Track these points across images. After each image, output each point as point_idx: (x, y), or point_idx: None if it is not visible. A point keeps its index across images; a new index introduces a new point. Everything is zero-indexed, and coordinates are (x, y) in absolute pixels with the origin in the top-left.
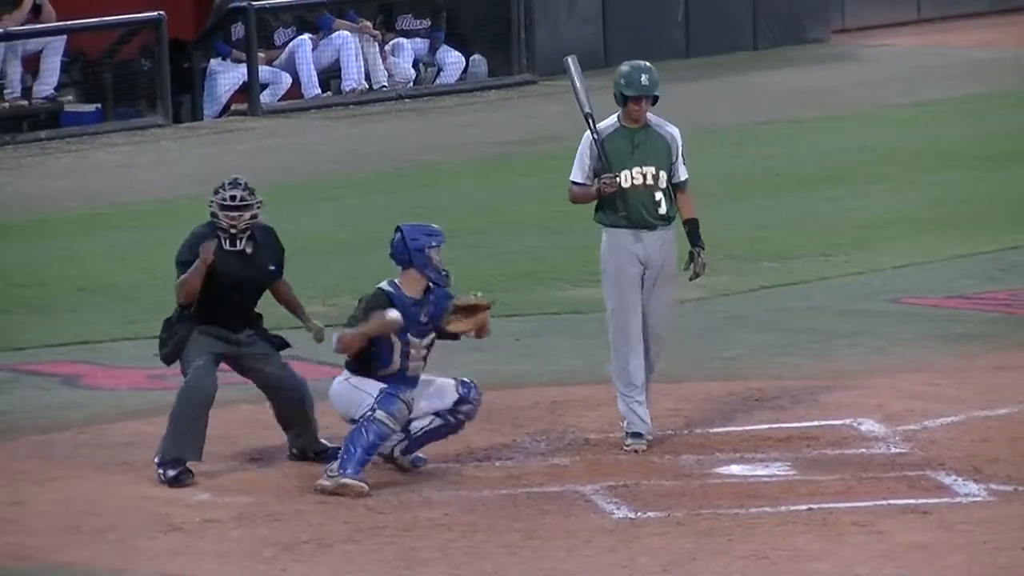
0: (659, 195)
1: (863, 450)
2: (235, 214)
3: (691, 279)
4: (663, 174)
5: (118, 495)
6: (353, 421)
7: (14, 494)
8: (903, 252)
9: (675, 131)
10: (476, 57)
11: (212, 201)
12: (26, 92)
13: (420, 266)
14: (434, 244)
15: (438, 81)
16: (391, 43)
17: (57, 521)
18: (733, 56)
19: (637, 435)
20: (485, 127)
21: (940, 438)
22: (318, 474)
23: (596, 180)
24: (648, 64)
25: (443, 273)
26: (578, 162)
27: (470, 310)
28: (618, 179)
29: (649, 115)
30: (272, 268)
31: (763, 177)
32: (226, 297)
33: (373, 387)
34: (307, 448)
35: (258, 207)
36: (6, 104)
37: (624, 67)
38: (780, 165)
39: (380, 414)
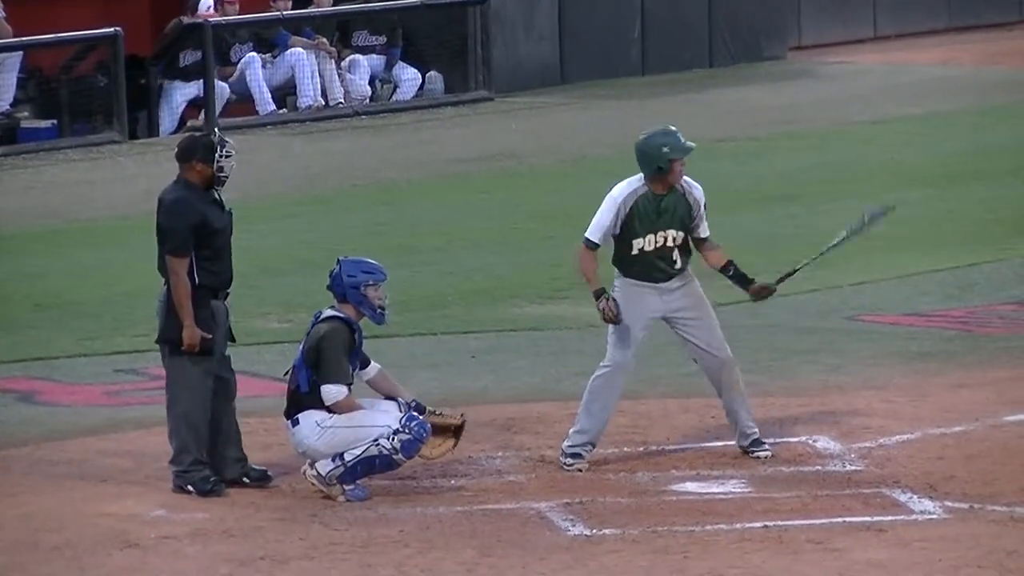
0: (676, 253)
1: (819, 467)
2: (232, 163)
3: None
4: (682, 234)
5: (75, 511)
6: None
7: None
8: (861, 270)
9: (700, 194)
10: (432, 74)
11: (219, 156)
12: None
13: (355, 303)
14: (371, 283)
15: (394, 98)
16: (347, 60)
17: (14, 537)
18: (690, 73)
19: (579, 455)
20: (442, 144)
21: (896, 456)
22: (274, 492)
23: (602, 299)
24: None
25: (379, 311)
26: (599, 219)
27: (443, 429)
28: (617, 312)
29: (685, 177)
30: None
31: (720, 195)
32: (221, 251)
33: (371, 419)
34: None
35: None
36: None
37: (658, 137)
38: (738, 183)
39: (399, 457)
